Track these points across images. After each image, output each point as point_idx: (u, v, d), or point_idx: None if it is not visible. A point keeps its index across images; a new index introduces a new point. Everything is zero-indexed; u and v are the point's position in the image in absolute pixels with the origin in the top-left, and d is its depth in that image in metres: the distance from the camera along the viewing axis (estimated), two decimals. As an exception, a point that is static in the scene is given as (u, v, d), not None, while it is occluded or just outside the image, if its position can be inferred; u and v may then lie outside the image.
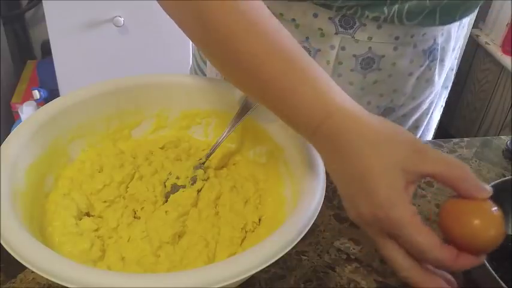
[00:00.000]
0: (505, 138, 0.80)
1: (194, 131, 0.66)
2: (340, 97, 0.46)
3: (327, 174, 0.52)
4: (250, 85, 0.50)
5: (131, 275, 0.43)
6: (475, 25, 1.94)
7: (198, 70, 0.85)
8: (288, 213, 0.51)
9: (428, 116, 0.82)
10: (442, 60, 0.72)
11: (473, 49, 2.01)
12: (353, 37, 0.64)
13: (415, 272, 0.44)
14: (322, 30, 0.64)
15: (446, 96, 0.85)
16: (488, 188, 0.43)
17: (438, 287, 0.44)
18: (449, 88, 0.84)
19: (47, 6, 1.54)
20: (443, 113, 0.89)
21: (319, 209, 0.48)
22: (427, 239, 0.42)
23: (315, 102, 0.45)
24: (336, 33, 0.64)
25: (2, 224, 0.43)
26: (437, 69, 0.72)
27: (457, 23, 0.70)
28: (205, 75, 0.82)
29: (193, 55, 0.88)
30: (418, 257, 0.43)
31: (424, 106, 0.78)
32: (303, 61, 0.47)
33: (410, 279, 0.44)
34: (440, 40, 0.68)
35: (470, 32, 1.88)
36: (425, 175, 0.44)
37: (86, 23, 1.59)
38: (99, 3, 1.55)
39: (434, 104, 0.81)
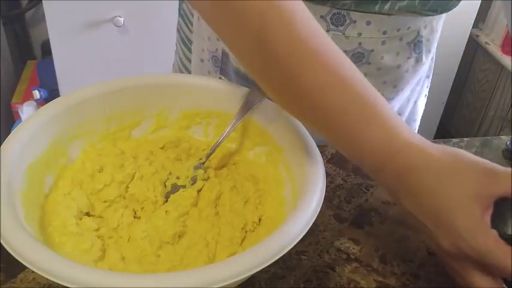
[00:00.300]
0: (505, 138, 0.80)
1: (194, 131, 0.66)
2: (406, 132, 0.45)
3: (327, 174, 0.52)
4: (314, 119, 0.49)
5: (131, 275, 0.43)
6: (475, 25, 1.94)
7: (182, 67, 0.86)
8: (288, 213, 0.51)
9: (411, 102, 0.84)
10: (428, 51, 0.75)
11: (473, 49, 2.01)
12: (343, 34, 0.66)
13: None
14: None
15: (429, 86, 0.88)
16: None
17: None
18: (430, 77, 0.87)
19: (47, 6, 1.54)
20: (443, 112, 0.90)
21: (319, 209, 0.48)
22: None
23: (382, 141, 0.45)
24: (328, 31, 0.66)
25: (2, 224, 0.43)
26: (419, 58, 0.75)
27: (438, 16, 0.73)
28: (190, 73, 0.83)
29: (176, 52, 0.89)
30: (510, 279, 0.43)
31: (406, 93, 0.81)
32: (368, 94, 0.46)
33: None
34: (424, 32, 0.71)
35: (470, 32, 1.88)
36: (500, 195, 0.43)
37: (86, 23, 1.59)
38: (99, 3, 1.55)
39: (416, 92, 0.84)
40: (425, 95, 0.88)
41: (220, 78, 0.78)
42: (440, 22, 0.76)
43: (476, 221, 0.42)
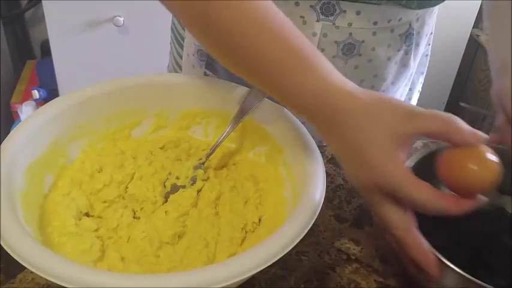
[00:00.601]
0: (505, 138, 0.80)
1: (194, 131, 0.66)
2: (338, 80, 0.49)
3: (327, 174, 0.52)
4: (252, 72, 0.52)
5: (131, 275, 0.43)
6: (475, 25, 1.94)
7: (176, 67, 0.86)
8: (288, 213, 0.51)
9: (403, 97, 0.85)
10: (417, 45, 0.74)
11: (473, 49, 2.01)
12: (334, 24, 0.66)
13: (410, 234, 0.47)
14: (304, 18, 0.66)
15: (423, 82, 0.89)
16: (482, 134, 0.45)
17: (424, 254, 0.46)
18: (424, 74, 0.87)
19: (47, 6, 1.54)
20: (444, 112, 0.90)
21: (319, 209, 0.48)
22: (424, 194, 0.45)
23: (316, 88, 0.48)
24: (317, 21, 0.66)
25: (2, 224, 0.43)
26: (412, 54, 0.75)
27: (430, 10, 0.73)
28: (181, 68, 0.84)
29: (171, 52, 0.90)
30: (422, 212, 0.46)
31: (400, 90, 0.81)
32: (304, 48, 0.49)
33: (403, 239, 0.47)
34: (415, 25, 0.71)
35: (471, 32, 1.88)
36: (417, 135, 0.46)
37: (86, 23, 1.59)
38: (99, 3, 1.55)
39: (409, 88, 0.84)
40: (419, 91, 0.89)
41: (205, 72, 0.78)
42: (433, 17, 0.76)
43: (392, 157, 0.45)
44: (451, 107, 2.11)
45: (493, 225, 0.57)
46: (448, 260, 0.46)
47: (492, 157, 0.45)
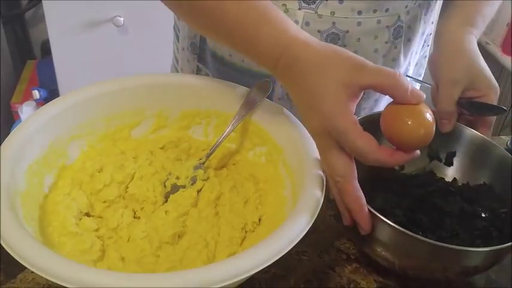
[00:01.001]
0: (505, 138, 0.80)
1: (194, 131, 0.66)
2: (294, 31, 0.52)
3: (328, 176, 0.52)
4: (218, 31, 0.57)
5: (131, 275, 0.43)
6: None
7: (177, 66, 0.87)
8: (288, 213, 0.51)
9: None
10: (408, 40, 0.73)
11: (473, 49, 2.00)
12: (316, 12, 0.66)
13: (350, 183, 0.50)
14: (286, 5, 0.66)
15: (423, 76, 0.88)
16: (420, 93, 0.48)
17: (360, 205, 0.50)
18: (422, 76, 0.87)
19: (47, 6, 1.54)
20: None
21: (319, 209, 0.48)
22: (366, 143, 0.47)
23: (274, 39, 0.52)
24: (299, 9, 0.66)
25: (2, 224, 0.43)
26: (402, 49, 0.73)
27: (425, 5, 0.72)
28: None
29: (173, 52, 0.90)
30: (361, 159, 0.48)
31: None
32: (262, 5, 0.53)
33: (343, 186, 0.50)
34: (405, 18, 0.70)
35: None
36: (365, 87, 0.49)
37: (86, 23, 1.59)
38: (99, 3, 1.55)
39: None
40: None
41: (197, 66, 0.78)
42: (430, 14, 0.75)
43: (341, 105, 0.48)
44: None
45: (424, 188, 0.62)
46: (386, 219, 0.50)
47: (428, 116, 0.48)
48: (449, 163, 0.66)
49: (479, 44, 0.68)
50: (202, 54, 0.77)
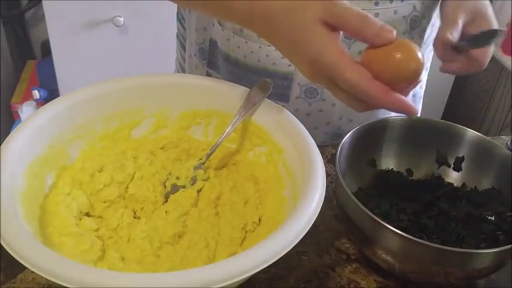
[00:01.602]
0: (505, 138, 0.80)
1: (194, 131, 0.66)
2: None
3: (327, 174, 0.52)
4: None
5: (131, 275, 0.43)
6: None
7: (181, 71, 0.88)
8: (288, 213, 0.51)
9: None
10: (423, 31, 0.74)
11: (473, 49, 2.00)
12: None
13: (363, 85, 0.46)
14: None
15: (426, 77, 0.88)
16: (391, 28, 0.46)
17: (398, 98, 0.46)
18: (428, 69, 0.86)
19: (47, 6, 1.54)
20: (444, 113, 0.90)
21: (319, 209, 0.48)
22: (357, 74, 0.45)
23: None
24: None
25: (2, 224, 0.43)
26: (418, 39, 0.74)
27: None
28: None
29: (176, 59, 0.91)
30: (354, 93, 0.46)
31: None
32: None
33: (360, 93, 0.46)
34: (420, 8, 0.70)
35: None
36: (339, 18, 0.46)
37: (86, 23, 1.58)
38: (99, 3, 1.55)
39: None
40: (421, 87, 0.88)
41: (207, 71, 0.78)
42: (435, 7, 0.75)
43: (322, 40, 0.46)
44: (451, 107, 2.11)
45: (431, 193, 0.61)
46: (389, 223, 0.50)
47: (418, 52, 0.45)
48: (458, 168, 0.65)
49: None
50: (213, 58, 0.76)
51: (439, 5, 0.75)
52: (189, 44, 0.80)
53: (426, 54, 0.81)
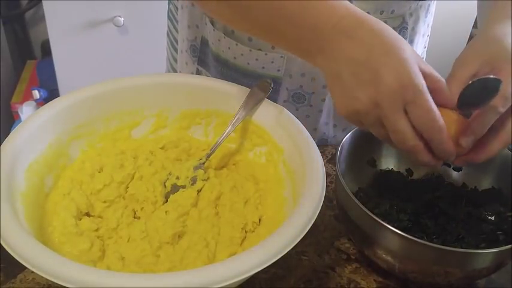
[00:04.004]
0: (505, 138, 0.80)
1: (194, 131, 0.66)
2: (345, 3, 0.50)
3: (327, 174, 0.52)
4: (267, 29, 0.54)
5: (131, 275, 0.43)
6: (475, 25, 1.94)
7: (172, 71, 0.88)
8: (288, 214, 0.51)
9: None
10: (411, 42, 0.74)
11: (473, 49, 2.00)
12: None
13: (420, 143, 0.48)
14: None
15: None
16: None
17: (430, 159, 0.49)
18: None
19: (47, 6, 1.54)
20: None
21: (319, 209, 0.48)
22: (437, 109, 0.46)
23: (324, 9, 0.49)
24: None
25: (2, 224, 0.43)
26: None
27: (425, 7, 0.72)
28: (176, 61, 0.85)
29: (167, 58, 0.91)
30: (428, 124, 0.46)
31: None
32: None
33: (415, 147, 0.48)
34: (409, 20, 0.71)
35: (471, 32, 1.88)
36: (424, 72, 0.47)
37: (86, 23, 1.59)
38: (99, 3, 1.55)
39: None
40: None
41: (197, 69, 0.78)
42: (428, 17, 0.75)
43: (417, 68, 0.47)
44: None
45: (431, 193, 0.61)
46: (389, 223, 0.50)
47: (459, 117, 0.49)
48: (458, 168, 0.65)
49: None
50: (203, 57, 0.77)
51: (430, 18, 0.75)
52: (180, 40, 0.80)
53: None
